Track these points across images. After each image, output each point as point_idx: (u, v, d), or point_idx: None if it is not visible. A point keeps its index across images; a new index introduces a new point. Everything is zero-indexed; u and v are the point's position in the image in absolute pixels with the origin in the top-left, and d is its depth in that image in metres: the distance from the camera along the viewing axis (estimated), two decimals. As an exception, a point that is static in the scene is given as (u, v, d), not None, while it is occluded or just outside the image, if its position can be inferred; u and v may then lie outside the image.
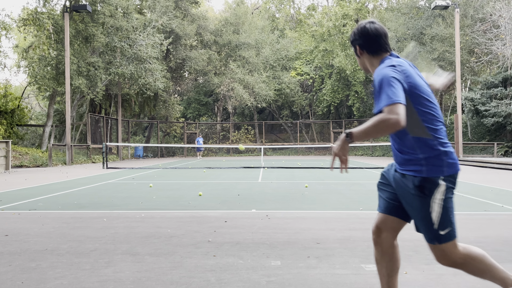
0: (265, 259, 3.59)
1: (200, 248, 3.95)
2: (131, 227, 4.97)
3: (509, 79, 21.60)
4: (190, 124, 34.31)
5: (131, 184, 10.25)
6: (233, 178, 11.80)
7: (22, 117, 25.53)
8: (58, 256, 3.73)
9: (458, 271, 3.23)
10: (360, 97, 31.67)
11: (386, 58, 2.20)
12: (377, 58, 2.25)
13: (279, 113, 36.47)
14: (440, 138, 2.06)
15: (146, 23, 25.49)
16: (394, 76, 1.99)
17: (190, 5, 30.35)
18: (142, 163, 21.96)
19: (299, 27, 36.77)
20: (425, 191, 2.04)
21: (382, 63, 2.18)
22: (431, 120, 2.06)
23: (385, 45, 2.24)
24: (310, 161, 22.50)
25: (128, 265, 3.46)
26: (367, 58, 2.29)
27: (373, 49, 2.24)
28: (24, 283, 3.03)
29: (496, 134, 23.19)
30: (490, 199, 7.15)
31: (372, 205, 6.56)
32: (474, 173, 13.25)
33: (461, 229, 4.74)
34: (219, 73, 31.98)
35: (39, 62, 22.26)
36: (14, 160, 18.61)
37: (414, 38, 25.21)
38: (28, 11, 22.15)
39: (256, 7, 44.79)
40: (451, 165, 2.05)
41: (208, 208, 6.34)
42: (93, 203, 6.93)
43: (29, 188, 9.37)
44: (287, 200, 7.17)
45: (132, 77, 23.56)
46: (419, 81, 2.09)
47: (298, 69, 32.61)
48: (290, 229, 4.78)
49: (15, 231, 4.76)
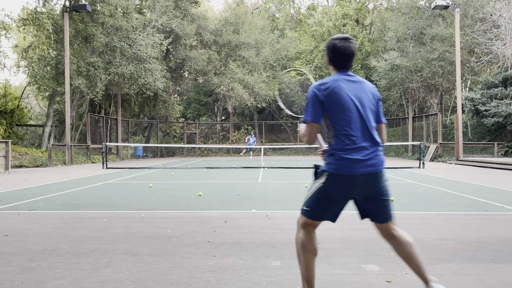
0: (265, 259, 3.58)
1: (200, 248, 3.95)
2: (131, 227, 4.97)
3: (509, 79, 21.59)
4: (190, 124, 34.30)
5: (131, 184, 10.25)
6: (233, 178, 11.80)
7: (22, 117, 25.52)
8: (57, 256, 3.73)
9: (458, 271, 3.23)
10: (360, 97, 31.62)
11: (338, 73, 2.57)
12: (337, 71, 2.59)
13: (279, 113, 36.47)
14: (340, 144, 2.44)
15: (146, 23, 25.47)
16: (316, 93, 2.45)
17: (190, 5, 30.34)
18: (142, 163, 21.95)
19: (299, 27, 36.78)
20: (315, 173, 2.59)
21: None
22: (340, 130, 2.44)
23: (346, 63, 2.57)
24: (310, 161, 22.50)
25: (128, 265, 3.46)
26: (331, 70, 2.63)
27: (338, 64, 2.58)
28: (24, 283, 3.03)
29: (496, 134, 23.19)
30: (490, 199, 7.15)
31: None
32: (474, 173, 13.25)
33: (461, 229, 4.74)
34: (219, 73, 31.97)
35: (39, 62, 22.25)
36: (13, 160, 18.60)
37: (414, 38, 25.19)
38: (28, 11, 22.14)
39: (256, 7, 44.78)
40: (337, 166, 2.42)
41: (208, 208, 6.33)
42: (93, 203, 6.92)
43: (29, 188, 9.36)
44: (287, 200, 7.17)
45: (131, 77, 23.54)
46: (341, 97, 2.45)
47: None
48: (290, 229, 4.78)
49: (14, 231, 4.76)
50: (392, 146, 30.01)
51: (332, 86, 2.46)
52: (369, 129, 2.48)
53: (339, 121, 2.43)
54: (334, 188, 2.44)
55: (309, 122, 2.45)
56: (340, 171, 2.41)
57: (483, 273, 3.19)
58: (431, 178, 11.52)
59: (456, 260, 3.54)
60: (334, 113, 2.44)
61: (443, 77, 24.40)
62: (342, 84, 2.48)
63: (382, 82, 26.52)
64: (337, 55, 2.54)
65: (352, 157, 2.40)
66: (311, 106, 2.45)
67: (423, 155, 16.11)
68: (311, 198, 2.52)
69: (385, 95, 28.25)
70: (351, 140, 2.42)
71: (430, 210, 6.08)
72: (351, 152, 2.41)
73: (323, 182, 2.46)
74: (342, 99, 2.44)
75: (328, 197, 2.47)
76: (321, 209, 2.50)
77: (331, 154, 2.46)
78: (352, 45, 2.55)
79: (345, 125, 2.43)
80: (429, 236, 4.42)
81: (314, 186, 2.52)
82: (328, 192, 2.46)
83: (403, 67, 24.37)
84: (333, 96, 2.44)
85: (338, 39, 2.56)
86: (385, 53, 26.55)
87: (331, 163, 2.45)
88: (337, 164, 2.42)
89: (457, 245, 4.02)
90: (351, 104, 2.46)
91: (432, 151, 22.76)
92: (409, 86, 25.76)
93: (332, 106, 2.43)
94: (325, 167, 2.50)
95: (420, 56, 23.64)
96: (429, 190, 8.56)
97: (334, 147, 2.46)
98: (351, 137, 2.43)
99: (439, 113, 23.79)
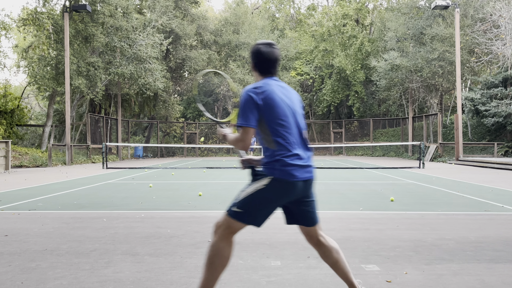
0: (265, 259, 3.58)
1: (200, 248, 3.95)
2: (131, 227, 4.97)
3: (509, 79, 21.59)
4: (190, 124, 34.30)
5: (131, 184, 10.25)
6: (233, 178, 11.79)
7: (22, 117, 25.52)
8: (57, 256, 3.73)
9: (458, 271, 3.23)
10: (360, 97, 31.66)
11: (265, 78, 2.50)
12: (262, 77, 2.53)
13: (279, 113, 36.43)
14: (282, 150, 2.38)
15: (146, 23, 25.48)
16: (252, 96, 2.37)
17: (190, 5, 30.34)
18: (142, 163, 21.95)
19: (299, 27, 36.76)
20: (257, 176, 2.45)
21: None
22: (279, 135, 2.38)
23: (271, 69, 2.52)
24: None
25: (128, 265, 3.46)
26: (256, 76, 2.58)
27: (262, 70, 2.53)
28: (24, 283, 3.03)
29: (496, 134, 23.19)
30: (490, 199, 7.15)
31: (372, 205, 6.56)
32: (474, 173, 13.25)
33: (461, 229, 4.74)
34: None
35: (39, 62, 22.25)
36: (13, 160, 18.60)
37: (414, 38, 25.20)
38: (28, 11, 22.15)
39: (256, 7, 44.79)
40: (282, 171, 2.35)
41: (208, 208, 6.33)
42: (93, 203, 6.92)
43: (29, 188, 9.36)
44: (287, 200, 7.16)
45: (132, 77, 23.54)
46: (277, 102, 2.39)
47: (298, 69, 32.61)
48: (290, 229, 4.78)
49: (15, 231, 4.76)
50: (392, 146, 30.01)
51: (267, 90, 2.40)
52: (303, 135, 2.49)
53: (278, 126, 2.38)
54: (275, 193, 2.37)
55: (246, 126, 2.34)
56: (285, 176, 2.35)
57: (483, 273, 3.19)
58: (431, 178, 11.52)
59: (456, 260, 3.54)
60: (272, 118, 2.37)
61: (443, 77, 24.40)
62: (275, 88, 2.43)
63: (382, 82, 26.52)
64: (262, 60, 2.50)
65: (295, 163, 2.38)
66: (248, 110, 2.35)
67: (423, 155, 16.11)
68: (246, 200, 2.39)
69: (385, 95, 28.25)
70: (291, 146, 2.40)
71: (430, 210, 6.08)
72: (294, 159, 2.38)
73: (265, 185, 2.37)
74: (279, 104, 2.40)
75: (267, 200, 2.38)
76: (256, 212, 2.40)
77: (275, 160, 2.37)
78: (276, 50, 2.52)
79: (284, 131, 2.39)
80: (429, 236, 4.42)
81: (253, 188, 2.40)
82: (268, 196, 2.38)
83: (403, 67, 24.37)
84: (269, 101, 2.37)
85: (263, 44, 2.52)
86: (385, 53, 26.56)
87: (276, 169, 2.36)
88: (282, 170, 2.35)
89: (457, 245, 4.02)
90: (287, 109, 2.43)
91: (432, 151, 22.76)
92: (409, 86, 25.76)
93: (269, 111, 2.37)
94: (267, 171, 2.40)
95: (420, 56, 23.64)
96: (429, 190, 8.56)
97: (276, 152, 2.38)
98: (291, 143, 2.40)
99: (439, 113, 23.79)
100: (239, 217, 2.39)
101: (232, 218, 2.40)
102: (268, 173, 2.39)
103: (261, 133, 2.45)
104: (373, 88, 31.20)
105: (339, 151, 32.48)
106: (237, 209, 2.39)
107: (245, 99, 2.38)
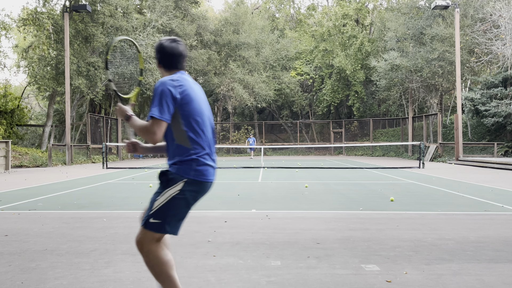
0: (265, 259, 3.58)
1: (200, 248, 3.95)
2: (131, 227, 4.97)
3: (509, 79, 21.59)
4: (190, 124, 34.28)
5: (131, 184, 10.25)
6: (233, 178, 11.80)
7: (22, 117, 25.51)
8: (58, 256, 3.73)
9: (457, 271, 3.23)
10: (360, 97, 31.66)
11: (176, 73, 2.43)
12: (169, 73, 2.46)
13: (279, 113, 36.46)
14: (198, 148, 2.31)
15: (146, 23, 25.48)
16: (170, 90, 2.26)
17: (190, 5, 30.34)
18: (142, 163, 21.96)
19: (299, 27, 36.76)
20: (165, 181, 2.32)
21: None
22: (195, 132, 2.31)
23: (177, 64, 2.47)
24: (310, 161, 22.50)
25: (128, 265, 3.46)
26: (162, 72, 2.52)
27: (168, 65, 2.47)
28: (24, 283, 3.03)
29: (496, 134, 23.19)
30: (490, 199, 7.15)
31: (372, 205, 6.56)
32: (474, 173, 13.25)
33: (461, 229, 4.74)
34: (219, 73, 31.96)
35: (39, 62, 22.25)
36: (14, 160, 18.60)
37: (414, 38, 25.19)
38: (28, 11, 22.15)
39: (256, 7, 44.77)
40: (198, 172, 2.29)
41: (208, 208, 6.33)
42: (93, 203, 6.92)
43: (29, 188, 9.36)
44: (287, 200, 7.17)
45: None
46: (194, 97, 2.33)
47: (298, 69, 32.60)
48: (290, 229, 4.78)
49: (15, 231, 4.76)
50: (392, 146, 30.02)
51: (185, 85, 2.32)
52: (213, 133, 2.45)
53: (194, 123, 2.30)
54: (191, 195, 2.30)
55: (159, 119, 2.21)
56: (200, 177, 2.29)
57: (483, 273, 3.20)
58: (431, 178, 11.52)
59: (456, 260, 3.54)
60: (189, 114, 2.29)
61: (443, 77, 24.40)
62: (191, 84, 2.39)
63: (382, 82, 26.52)
64: (166, 55, 2.45)
65: (209, 163, 2.35)
66: (164, 103, 2.22)
67: (423, 155, 16.11)
68: (162, 209, 2.26)
69: (385, 95, 28.25)
70: (206, 145, 2.35)
71: (430, 210, 6.08)
72: (208, 158, 2.34)
73: (179, 190, 2.26)
74: (196, 99, 2.34)
75: (183, 205, 2.30)
76: (174, 220, 2.30)
77: (191, 159, 2.29)
78: (181, 46, 2.47)
79: (200, 128, 2.32)
80: (429, 236, 4.42)
81: (167, 195, 2.27)
82: (184, 201, 2.29)
83: (403, 67, 24.37)
84: (187, 96, 2.29)
85: (166, 40, 2.49)
86: (385, 53, 26.56)
87: (192, 169, 2.28)
88: (198, 170, 2.29)
89: (457, 245, 4.02)
90: (203, 105, 2.39)
91: (432, 151, 22.77)
92: (409, 86, 25.76)
93: (186, 106, 2.29)
94: (180, 172, 2.29)
95: (420, 56, 23.64)
96: (429, 190, 8.56)
97: (191, 151, 2.30)
98: (206, 141, 2.35)
99: (439, 113, 23.79)
100: (158, 228, 2.27)
101: (151, 231, 2.27)
102: (181, 173, 2.28)
103: (175, 130, 2.32)
104: (373, 88, 31.21)
105: (339, 151, 32.49)
106: (154, 220, 2.26)
107: (162, 91, 2.25)
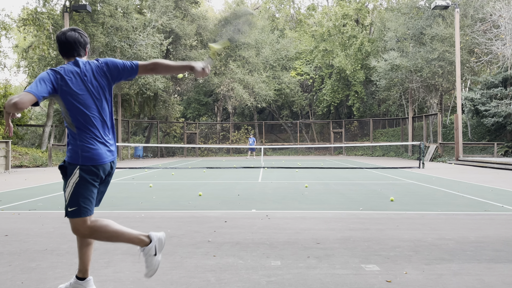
0: (265, 259, 3.58)
1: (200, 248, 3.95)
2: (131, 227, 4.95)
3: (509, 79, 21.59)
4: (190, 124, 34.30)
5: (131, 184, 10.25)
6: (233, 178, 11.80)
7: (22, 117, 25.49)
8: (58, 256, 3.73)
9: (457, 271, 3.24)
10: (360, 97, 31.66)
11: (69, 62, 2.59)
12: (66, 60, 2.64)
13: (279, 113, 36.46)
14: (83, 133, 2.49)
15: (146, 23, 25.47)
16: (49, 76, 2.43)
17: (190, 5, 30.35)
18: (142, 163, 21.96)
19: (299, 27, 36.76)
20: (66, 172, 2.53)
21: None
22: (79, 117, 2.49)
23: (72, 51, 2.61)
24: (310, 161, 22.50)
25: (128, 265, 3.46)
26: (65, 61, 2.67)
27: (63, 53, 2.64)
28: (24, 283, 3.03)
29: (496, 134, 23.19)
30: (490, 199, 7.15)
31: (372, 205, 6.56)
32: (474, 173, 13.25)
33: (461, 229, 4.74)
34: (219, 73, 31.97)
35: (39, 62, 22.26)
36: (14, 160, 18.60)
37: (414, 38, 25.19)
38: (28, 11, 22.16)
39: (256, 7, 44.79)
40: (85, 158, 2.48)
41: (208, 208, 6.34)
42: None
43: (29, 188, 9.36)
44: (287, 200, 7.17)
45: (132, 77, 23.50)
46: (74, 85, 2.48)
47: (298, 69, 32.60)
48: (290, 229, 4.78)
49: (15, 231, 4.76)
50: (392, 146, 30.02)
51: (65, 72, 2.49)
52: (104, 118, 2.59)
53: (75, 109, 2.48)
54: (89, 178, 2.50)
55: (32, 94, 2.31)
56: (89, 162, 2.48)
57: (483, 273, 3.20)
58: (431, 178, 11.52)
59: (456, 260, 3.54)
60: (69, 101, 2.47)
61: (443, 77, 24.41)
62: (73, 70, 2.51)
63: (382, 82, 26.52)
64: (59, 46, 2.63)
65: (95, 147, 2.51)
66: (42, 82, 2.38)
67: (423, 155, 16.11)
68: (73, 197, 2.49)
69: (385, 95, 28.26)
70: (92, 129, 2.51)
71: (430, 210, 6.08)
72: (95, 142, 2.52)
73: (78, 177, 2.48)
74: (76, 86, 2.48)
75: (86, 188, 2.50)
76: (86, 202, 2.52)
77: (77, 145, 2.49)
78: (71, 34, 2.60)
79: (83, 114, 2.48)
80: (429, 236, 4.42)
81: (71, 184, 2.50)
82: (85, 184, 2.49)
83: (403, 67, 24.37)
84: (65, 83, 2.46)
85: (60, 32, 2.64)
86: (385, 53, 26.55)
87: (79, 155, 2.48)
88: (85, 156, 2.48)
89: (457, 245, 4.02)
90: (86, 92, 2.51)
91: (432, 151, 22.77)
92: (409, 86, 25.76)
93: (67, 93, 2.46)
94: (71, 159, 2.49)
95: (420, 56, 23.64)
96: (429, 190, 8.56)
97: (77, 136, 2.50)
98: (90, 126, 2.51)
99: (439, 113, 23.80)
100: (77, 214, 2.49)
101: (74, 218, 2.51)
102: (72, 160, 2.49)
103: (64, 116, 2.55)
104: (373, 88, 31.20)
105: (339, 151, 32.49)
106: (71, 208, 2.50)
107: (42, 75, 2.44)
